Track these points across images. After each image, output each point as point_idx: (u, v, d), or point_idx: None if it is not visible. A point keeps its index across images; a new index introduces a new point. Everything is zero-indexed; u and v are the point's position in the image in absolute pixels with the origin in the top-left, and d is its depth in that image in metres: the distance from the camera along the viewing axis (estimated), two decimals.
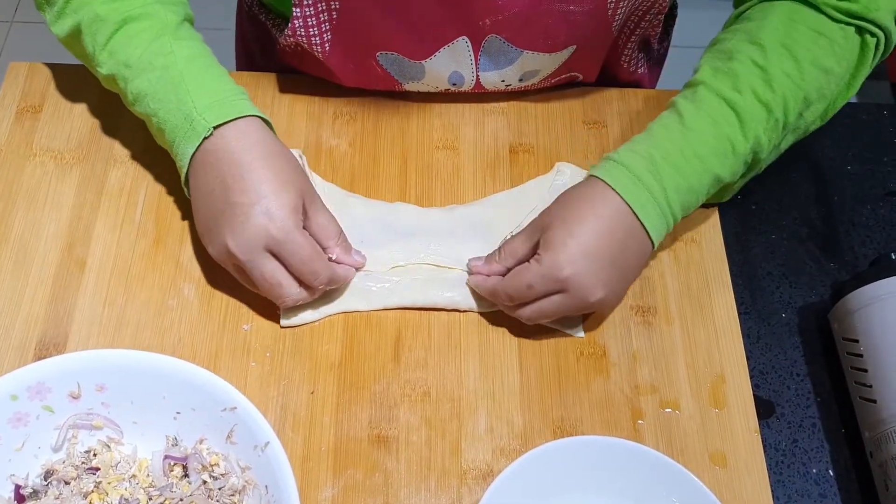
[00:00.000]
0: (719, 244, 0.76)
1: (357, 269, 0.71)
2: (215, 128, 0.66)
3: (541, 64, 0.78)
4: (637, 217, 0.66)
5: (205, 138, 0.66)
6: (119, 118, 0.78)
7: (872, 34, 0.69)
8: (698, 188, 0.68)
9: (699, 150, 0.67)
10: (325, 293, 0.70)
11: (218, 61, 0.71)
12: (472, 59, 0.77)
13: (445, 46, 0.75)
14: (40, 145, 0.77)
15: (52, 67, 0.82)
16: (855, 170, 0.83)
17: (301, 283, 0.66)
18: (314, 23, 0.73)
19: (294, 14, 0.72)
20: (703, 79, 0.70)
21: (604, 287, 0.66)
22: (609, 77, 0.88)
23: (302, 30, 0.73)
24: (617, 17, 0.74)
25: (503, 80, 0.80)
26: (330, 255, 0.68)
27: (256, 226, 0.64)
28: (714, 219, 0.77)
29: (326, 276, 0.67)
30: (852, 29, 0.69)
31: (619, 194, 0.66)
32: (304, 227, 0.66)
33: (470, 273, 0.72)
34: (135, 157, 0.77)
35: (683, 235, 0.76)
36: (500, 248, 0.71)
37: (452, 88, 0.81)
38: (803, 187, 0.82)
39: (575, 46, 0.77)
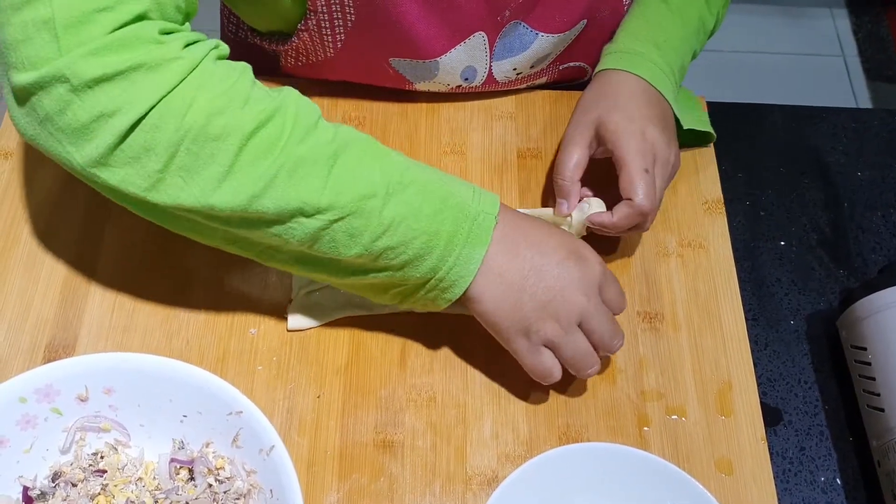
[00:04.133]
0: (727, 250, 0.76)
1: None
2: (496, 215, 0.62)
3: (552, 46, 0.79)
4: (661, 94, 0.73)
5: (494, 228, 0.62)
6: None
7: None
8: (686, 63, 0.78)
9: (685, 33, 0.76)
10: (330, 296, 0.70)
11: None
12: (488, 52, 0.77)
13: (462, 43, 0.76)
14: None
15: None
16: (865, 176, 0.83)
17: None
18: (327, 25, 0.73)
19: (307, 17, 0.72)
20: None
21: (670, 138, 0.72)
22: None
23: (315, 28, 0.73)
24: None
25: (515, 69, 0.80)
26: None
27: (574, 300, 0.63)
28: (722, 225, 0.77)
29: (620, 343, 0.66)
30: None
31: (644, 79, 0.73)
32: None
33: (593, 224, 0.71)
34: None
35: (692, 241, 0.76)
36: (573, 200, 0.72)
37: (464, 84, 0.81)
38: (813, 193, 0.82)
39: (585, 21, 0.78)
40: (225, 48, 0.61)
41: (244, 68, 0.59)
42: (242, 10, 0.79)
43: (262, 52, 0.81)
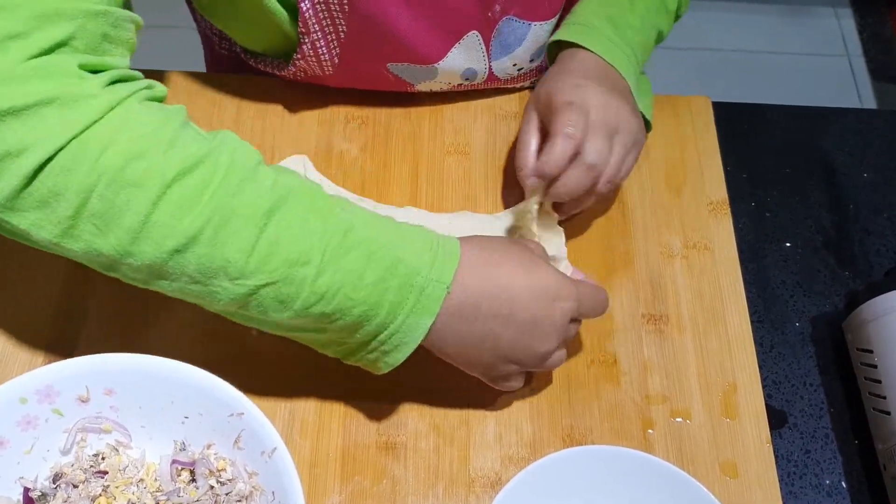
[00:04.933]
0: (732, 252, 0.75)
1: None
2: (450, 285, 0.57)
3: (547, 35, 0.79)
4: (615, 68, 0.72)
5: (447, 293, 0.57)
6: None
7: None
8: (649, 42, 0.77)
9: (645, 10, 0.75)
10: None
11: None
12: (485, 51, 0.77)
13: (457, 44, 0.75)
14: None
15: None
16: (870, 178, 0.82)
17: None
18: (322, 44, 0.72)
19: (301, 41, 0.70)
20: None
21: (615, 103, 0.68)
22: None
23: (311, 52, 0.72)
24: None
25: (515, 65, 0.80)
26: None
27: (538, 351, 0.61)
28: (727, 227, 0.77)
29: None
30: None
31: (597, 55, 0.71)
32: None
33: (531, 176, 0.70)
34: None
35: (696, 243, 0.75)
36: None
37: (465, 84, 0.80)
38: (818, 195, 0.81)
39: None
40: (162, 89, 0.56)
41: (177, 111, 0.54)
42: (235, 33, 0.78)
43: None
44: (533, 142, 0.71)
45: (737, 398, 0.69)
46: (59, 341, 0.68)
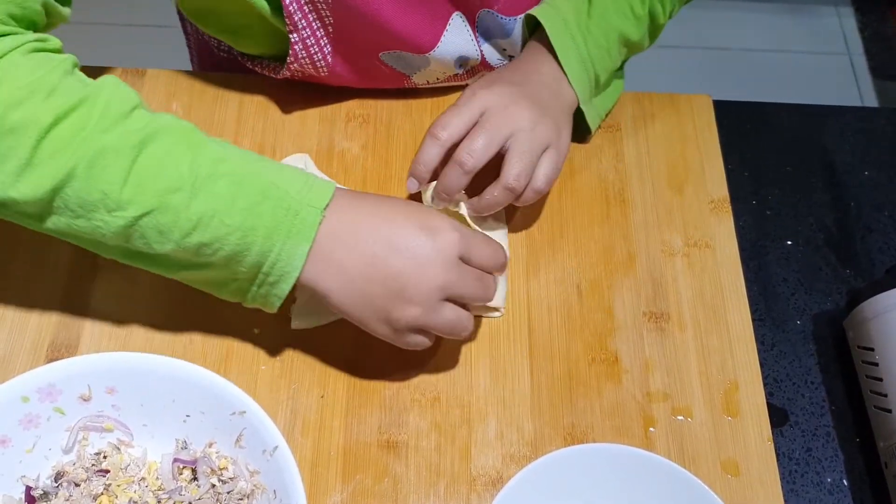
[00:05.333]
0: (734, 250, 0.75)
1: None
2: (324, 209, 0.59)
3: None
4: (561, 67, 0.73)
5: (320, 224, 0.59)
6: None
7: None
8: (608, 45, 0.74)
9: (603, 10, 0.74)
10: None
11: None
12: (472, 35, 0.77)
13: (445, 31, 0.75)
14: None
15: None
16: (871, 175, 0.82)
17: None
18: (313, 41, 0.72)
19: (292, 40, 0.70)
20: None
21: (518, 105, 0.68)
22: None
23: (303, 52, 0.72)
24: None
25: (505, 50, 0.80)
26: None
27: (430, 278, 0.60)
28: (728, 224, 0.76)
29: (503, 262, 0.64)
30: None
31: (548, 47, 0.73)
32: None
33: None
34: None
35: (698, 241, 0.75)
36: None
37: (461, 73, 0.81)
38: (819, 193, 0.81)
39: None
40: (55, 42, 0.59)
41: (63, 60, 0.57)
42: (228, 38, 0.79)
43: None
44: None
45: (738, 396, 0.69)
46: (61, 339, 0.68)
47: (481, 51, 0.79)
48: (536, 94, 0.71)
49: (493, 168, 0.69)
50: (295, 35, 0.70)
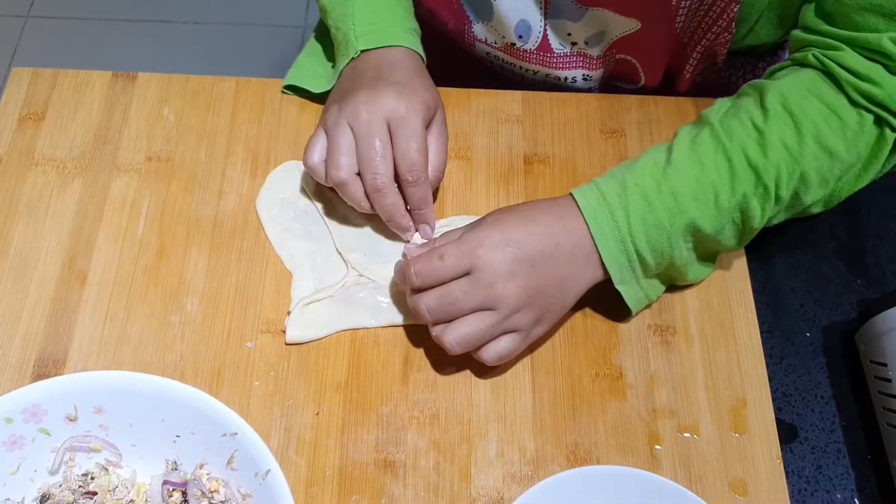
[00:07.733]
0: (741, 260, 0.73)
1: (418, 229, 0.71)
2: (363, 51, 0.72)
3: (607, 24, 0.77)
4: (592, 237, 0.64)
5: (352, 59, 0.72)
6: (123, 126, 0.76)
7: (893, 128, 0.63)
8: (670, 228, 0.63)
9: (676, 188, 0.63)
10: (330, 308, 0.68)
11: None
12: (542, 5, 0.78)
13: None
14: (42, 154, 0.75)
15: (56, 72, 0.80)
16: (883, 183, 0.79)
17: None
18: None
19: None
20: (711, 119, 0.66)
21: (516, 284, 0.61)
22: (670, 85, 0.86)
23: None
24: (681, 10, 0.74)
25: (569, 34, 0.79)
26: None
27: (387, 97, 0.67)
28: None
29: (421, 175, 0.67)
30: (871, 117, 0.63)
31: (579, 209, 0.64)
32: None
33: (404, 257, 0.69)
34: (138, 166, 0.75)
35: None
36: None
37: (518, 43, 0.81)
38: None
39: (639, 24, 0.76)
40: None
41: None
42: None
43: None
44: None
45: (746, 412, 0.66)
46: (48, 355, 0.66)
47: (545, 24, 0.79)
48: (542, 278, 0.63)
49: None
50: None
